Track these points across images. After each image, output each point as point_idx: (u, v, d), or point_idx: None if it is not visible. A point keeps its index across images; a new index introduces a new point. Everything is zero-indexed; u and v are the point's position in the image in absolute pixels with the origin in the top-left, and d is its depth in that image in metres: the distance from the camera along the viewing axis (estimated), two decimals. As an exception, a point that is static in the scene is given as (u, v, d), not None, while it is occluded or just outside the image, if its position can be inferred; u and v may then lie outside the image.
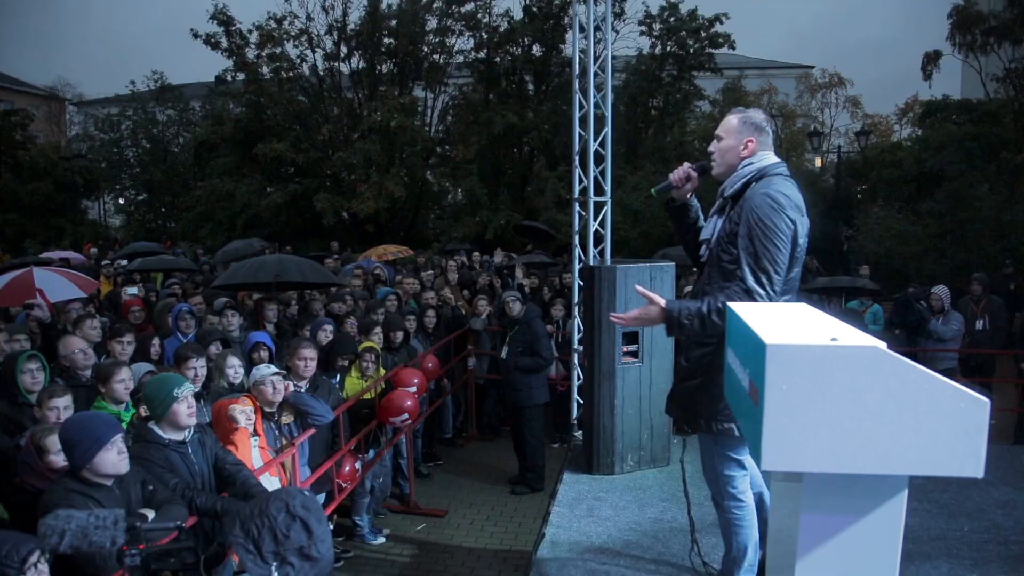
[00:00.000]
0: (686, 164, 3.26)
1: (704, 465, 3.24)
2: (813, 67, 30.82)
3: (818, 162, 24.08)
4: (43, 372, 4.53)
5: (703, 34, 19.43)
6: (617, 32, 19.85)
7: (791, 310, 2.42)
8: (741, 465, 3.15)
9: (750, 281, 2.82)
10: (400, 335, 7.10)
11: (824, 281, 9.88)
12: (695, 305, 2.86)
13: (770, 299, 2.81)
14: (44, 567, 2.63)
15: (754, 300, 2.76)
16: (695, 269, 3.45)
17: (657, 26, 19.84)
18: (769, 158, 3.03)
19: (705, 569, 3.49)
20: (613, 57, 20.67)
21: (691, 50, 19.78)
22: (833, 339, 1.89)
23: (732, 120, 3.10)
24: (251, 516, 2.36)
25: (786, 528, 2.17)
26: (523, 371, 6.96)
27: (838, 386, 1.79)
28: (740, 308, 2.33)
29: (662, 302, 2.86)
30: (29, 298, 6.21)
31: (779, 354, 1.79)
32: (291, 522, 2.32)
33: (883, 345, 1.94)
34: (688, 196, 3.39)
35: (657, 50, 20.21)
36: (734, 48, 19.81)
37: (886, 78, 47.03)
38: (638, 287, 2.87)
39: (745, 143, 3.04)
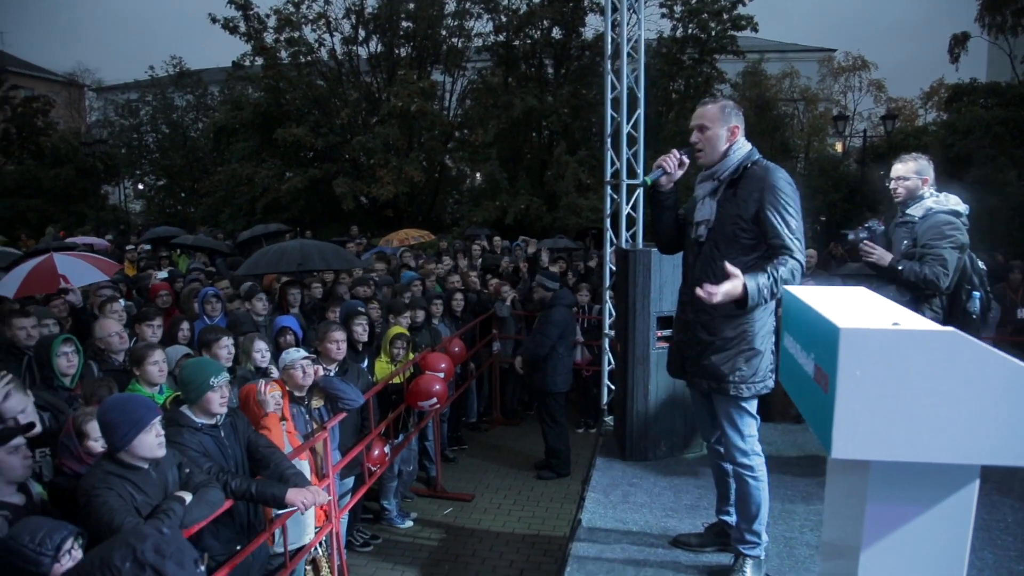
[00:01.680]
0: (675, 152, 3.28)
1: (722, 424, 3.33)
2: (835, 50, 30.36)
3: (838, 147, 23.77)
4: (78, 355, 4.53)
5: (725, 16, 19.17)
6: (638, 15, 19.60)
7: (850, 294, 2.35)
8: (755, 416, 3.32)
9: (796, 252, 3.02)
10: (421, 315, 7.08)
11: (855, 267, 9.73)
12: (764, 279, 2.94)
13: (802, 263, 3.03)
14: (79, 552, 2.62)
15: (801, 266, 3.01)
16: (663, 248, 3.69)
17: (678, 8, 19.59)
18: (747, 143, 3.27)
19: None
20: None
21: (713, 33, 19.52)
22: (895, 324, 1.83)
23: (713, 109, 3.23)
24: (92, 568, 2.15)
25: (844, 515, 2.11)
26: (523, 363, 6.93)
27: (913, 372, 1.73)
28: (800, 292, 2.27)
29: (743, 278, 2.93)
30: (53, 285, 6.21)
31: (853, 339, 1.73)
32: (139, 572, 2.12)
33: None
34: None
35: (678, 33, 19.97)
36: (756, 31, 19.53)
37: (911, 61, 46.33)
38: (727, 264, 2.92)
39: (732, 130, 3.22)
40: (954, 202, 4.15)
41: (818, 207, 17.97)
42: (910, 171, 4.23)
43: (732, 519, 3.56)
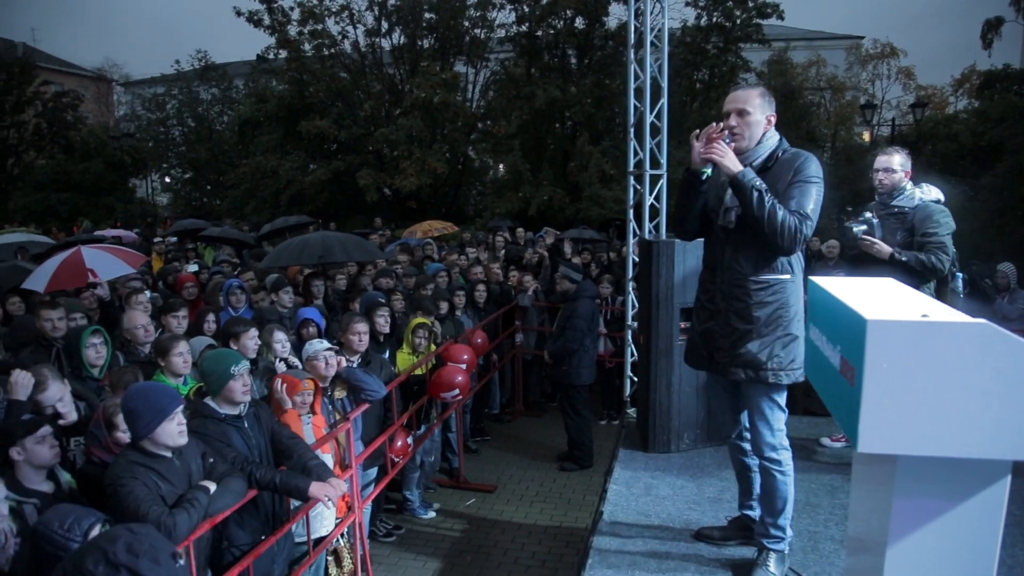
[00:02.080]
0: (718, 130, 3.15)
1: (752, 418, 3.29)
2: (863, 37, 29.85)
3: (867, 136, 23.38)
4: (106, 347, 4.60)
5: (751, 4, 18.91)
6: (662, 4, 19.40)
7: (879, 285, 2.31)
8: (784, 409, 3.29)
9: (806, 220, 3.02)
10: (444, 306, 7.09)
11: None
12: (762, 186, 3.02)
13: (806, 237, 3.05)
14: None
15: (804, 226, 3.00)
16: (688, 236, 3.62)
17: (704, -4, 19.40)
18: (775, 133, 3.23)
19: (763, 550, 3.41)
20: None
21: (738, 21, 19.28)
22: (924, 315, 1.79)
23: (754, 95, 3.17)
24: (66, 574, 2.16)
25: (870, 510, 2.08)
26: (553, 357, 6.90)
27: (943, 364, 1.69)
28: (826, 283, 2.23)
29: (739, 167, 3.05)
30: (81, 279, 6.29)
31: (880, 331, 1.69)
32: (113, 573, 2.13)
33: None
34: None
35: (703, 21, 19.76)
36: (782, 18, 19.26)
37: (942, 47, 45.34)
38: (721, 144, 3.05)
39: (768, 118, 3.18)
40: (936, 192, 4.51)
41: (843, 197, 17.69)
42: (896, 164, 4.43)
43: (755, 513, 3.53)
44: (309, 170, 20.86)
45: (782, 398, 3.25)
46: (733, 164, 3.07)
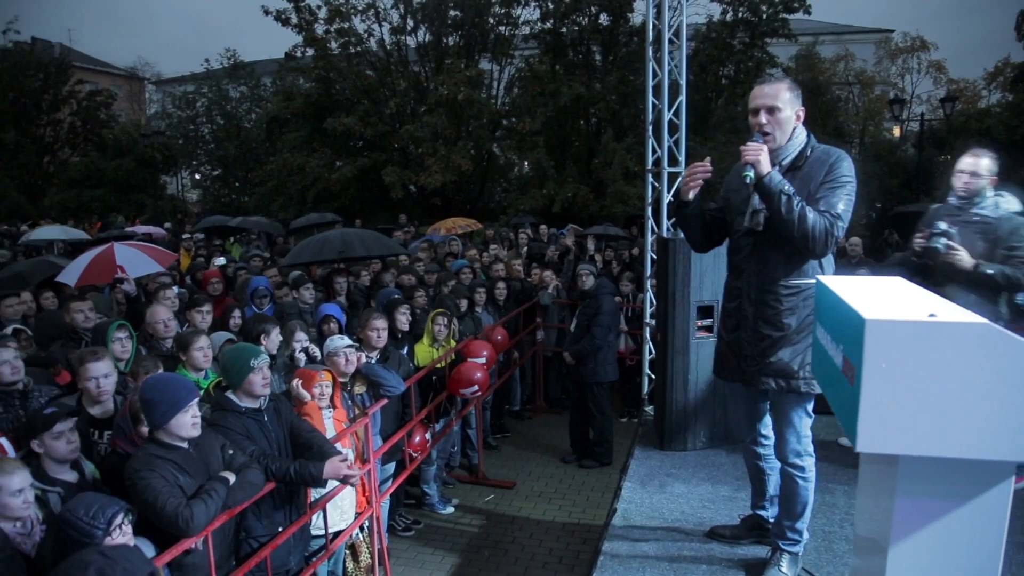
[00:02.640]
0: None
1: (780, 424, 3.23)
2: (893, 31, 29.38)
3: (896, 131, 23.01)
4: (131, 341, 4.71)
5: (776, -1, 18.74)
6: (681, 1, 19.27)
7: (887, 284, 2.30)
8: (811, 415, 3.23)
9: (837, 222, 2.91)
10: (464, 303, 7.13)
11: (899, 257, 9.44)
12: (790, 189, 2.93)
13: (838, 239, 2.94)
14: (128, 528, 2.73)
15: (835, 228, 2.90)
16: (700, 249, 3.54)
17: (730, -9, 19.23)
18: (803, 128, 3.12)
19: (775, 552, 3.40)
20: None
21: (764, 16, 19.07)
22: (931, 315, 1.78)
23: (783, 89, 3.04)
24: None
25: (875, 510, 2.07)
26: (576, 357, 6.89)
27: (943, 365, 1.69)
28: (832, 282, 2.22)
29: (768, 168, 2.95)
30: (112, 275, 6.43)
31: (879, 330, 1.69)
32: None
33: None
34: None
35: (728, 16, 19.58)
36: (809, 12, 19.01)
37: (975, 40, 44.37)
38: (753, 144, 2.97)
39: (798, 114, 3.07)
40: (1016, 203, 4.14)
41: (872, 193, 17.45)
42: (983, 168, 4.06)
43: (768, 513, 3.53)
44: (335, 167, 21.02)
45: (811, 405, 3.19)
46: (765, 166, 2.96)
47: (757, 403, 3.40)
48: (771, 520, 3.51)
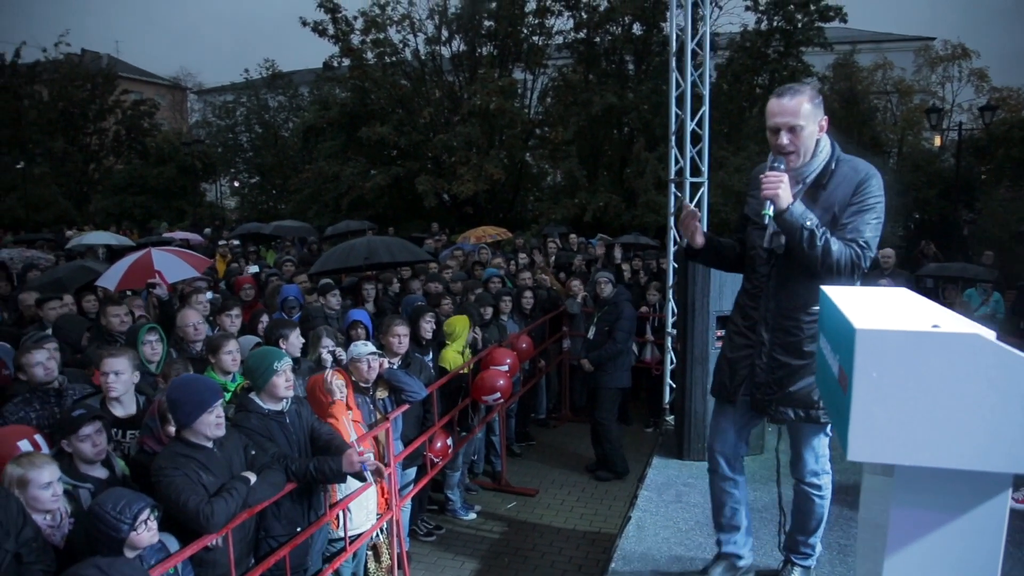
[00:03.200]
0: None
1: (798, 446, 3.15)
2: (934, 39, 28.84)
3: (936, 141, 22.59)
4: (161, 344, 4.86)
5: (812, 7, 18.53)
6: (720, 8, 19.23)
7: (891, 295, 2.30)
8: (828, 434, 3.14)
9: (863, 252, 2.75)
10: (489, 311, 7.19)
11: (934, 267, 9.32)
12: (815, 221, 2.73)
13: (865, 269, 2.79)
14: (153, 524, 2.83)
15: (863, 258, 2.74)
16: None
17: (763, 0, 19.08)
18: (826, 137, 2.91)
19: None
20: (716, 34, 20.00)
21: (799, 24, 18.91)
22: (935, 326, 1.79)
23: (804, 103, 2.78)
24: None
25: (873, 521, 2.08)
26: (594, 363, 6.90)
27: (934, 375, 1.70)
28: (833, 292, 2.24)
29: (790, 199, 2.76)
30: (150, 280, 6.62)
31: (869, 339, 1.71)
32: None
33: (989, 333, 1.82)
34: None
35: (763, 25, 19.45)
36: (845, 21, 18.80)
37: (1018, 48, 43.40)
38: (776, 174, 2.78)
39: (821, 125, 2.85)
40: None
41: (908, 204, 17.16)
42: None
43: (738, 548, 3.40)
44: (369, 175, 21.30)
45: (829, 426, 3.08)
46: (784, 199, 2.75)
47: (742, 428, 3.25)
48: (744, 558, 3.40)
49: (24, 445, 3.24)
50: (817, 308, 2.77)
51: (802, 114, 2.77)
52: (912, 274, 9.26)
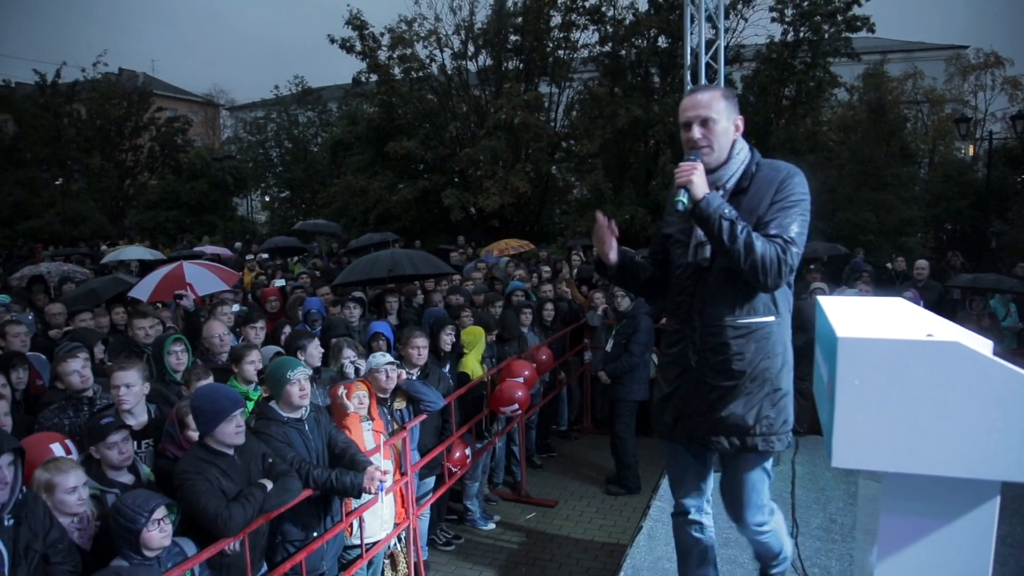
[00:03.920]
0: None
1: (739, 487, 2.88)
2: (967, 47, 28.48)
3: (969, 151, 22.25)
4: (186, 354, 5.00)
5: (839, 18, 18.43)
6: (746, 20, 19.22)
7: (887, 305, 2.33)
8: (771, 474, 2.92)
9: (789, 247, 2.56)
10: (529, 317, 7.28)
11: (967, 279, 9.20)
12: (732, 214, 2.55)
13: (792, 267, 2.58)
14: (168, 526, 2.94)
15: (788, 255, 2.54)
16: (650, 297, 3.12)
17: (789, 11, 19.01)
18: (744, 141, 2.79)
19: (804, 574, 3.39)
20: (742, 46, 19.88)
21: (826, 35, 18.81)
22: (929, 335, 1.82)
23: (718, 97, 2.72)
24: None
25: (867, 528, 2.10)
26: (611, 376, 6.91)
27: (917, 383, 1.73)
28: (827, 302, 2.27)
29: (706, 188, 2.60)
30: (177, 291, 6.79)
31: (851, 347, 1.75)
32: None
33: (985, 343, 1.84)
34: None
35: (789, 37, 19.38)
36: (873, 31, 18.65)
37: (1055, 57, 42.49)
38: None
39: (736, 124, 2.75)
40: None
41: (938, 215, 16.91)
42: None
43: None
44: (397, 189, 21.56)
45: (770, 463, 2.87)
46: (700, 188, 2.59)
47: (700, 465, 3.03)
48: None
49: (56, 449, 3.37)
50: (747, 321, 2.69)
51: (715, 108, 2.69)
52: (941, 285, 9.16)
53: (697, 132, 2.69)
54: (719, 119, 2.68)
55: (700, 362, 2.77)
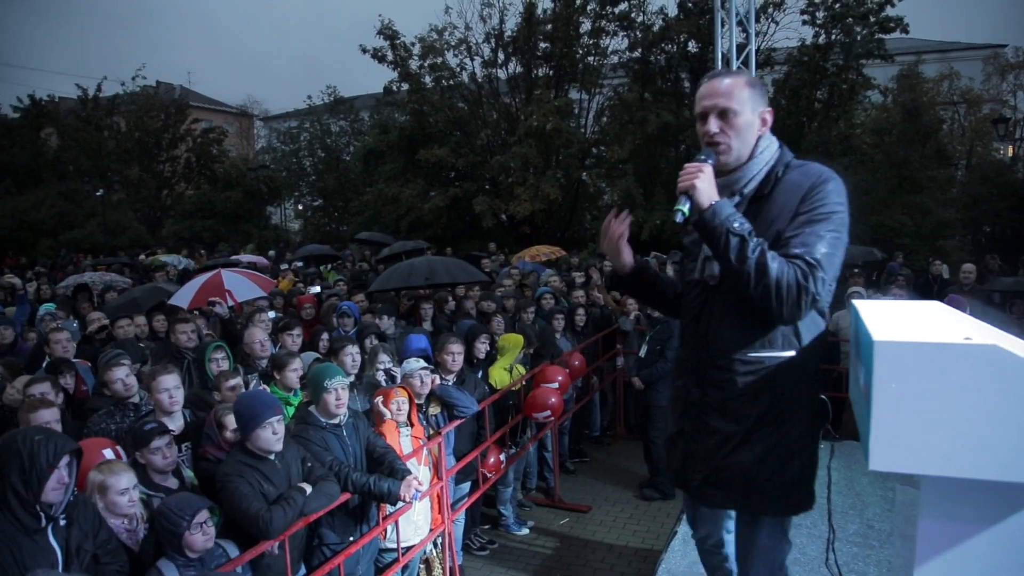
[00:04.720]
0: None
1: (742, 539, 2.49)
2: (1005, 46, 27.90)
3: (1009, 151, 21.80)
4: (227, 361, 5.11)
5: (872, 19, 18.20)
6: (777, 23, 19.08)
7: (924, 308, 2.32)
8: (790, 540, 2.51)
9: (816, 271, 2.11)
10: (561, 323, 7.35)
11: (1009, 282, 9.03)
12: (744, 228, 2.11)
13: (816, 296, 2.13)
14: (210, 528, 3.02)
15: (811, 281, 2.09)
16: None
17: (820, 14, 18.83)
18: (774, 138, 2.37)
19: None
20: (773, 49, 19.71)
21: (858, 37, 18.59)
22: (967, 338, 1.81)
23: (741, 85, 2.29)
24: None
25: (905, 533, 2.09)
26: (645, 382, 6.90)
27: (955, 386, 1.72)
28: (863, 305, 2.26)
29: (714, 195, 2.18)
30: (221, 298, 6.93)
31: (888, 351, 1.75)
32: None
33: (1020, 344, 1.84)
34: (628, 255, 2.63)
35: (821, 39, 19.19)
36: (907, 32, 18.39)
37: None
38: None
39: (763, 118, 2.32)
40: None
41: (976, 218, 16.58)
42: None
43: None
44: (428, 197, 21.74)
45: (788, 523, 2.43)
46: (706, 195, 2.18)
47: (716, 510, 2.68)
48: None
49: (108, 454, 3.48)
50: (759, 355, 2.26)
51: (736, 97, 2.26)
52: (981, 288, 9.01)
53: (714, 125, 2.29)
54: (741, 110, 2.25)
55: (703, 399, 2.36)
